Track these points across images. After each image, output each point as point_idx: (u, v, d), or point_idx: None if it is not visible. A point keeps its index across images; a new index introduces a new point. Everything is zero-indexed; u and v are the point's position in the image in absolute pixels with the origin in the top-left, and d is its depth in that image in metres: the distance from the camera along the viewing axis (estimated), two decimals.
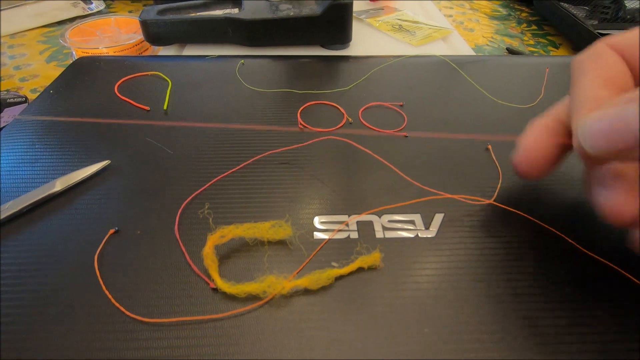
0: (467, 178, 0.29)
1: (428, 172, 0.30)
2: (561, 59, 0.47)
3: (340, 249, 0.24)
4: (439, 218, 0.26)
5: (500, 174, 0.30)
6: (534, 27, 0.68)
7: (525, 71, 0.43)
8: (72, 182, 0.27)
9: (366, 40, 0.53)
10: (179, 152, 0.31)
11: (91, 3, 0.66)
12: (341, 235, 0.25)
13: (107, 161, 0.29)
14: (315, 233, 0.25)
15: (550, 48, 0.61)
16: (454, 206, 0.27)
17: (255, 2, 0.49)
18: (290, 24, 0.46)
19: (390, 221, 0.26)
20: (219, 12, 0.49)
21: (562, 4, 0.62)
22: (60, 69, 0.49)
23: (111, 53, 0.48)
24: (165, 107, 0.36)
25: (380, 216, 0.26)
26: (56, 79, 0.39)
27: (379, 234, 0.25)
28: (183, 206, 0.26)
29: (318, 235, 0.25)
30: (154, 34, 0.47)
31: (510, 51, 0.59)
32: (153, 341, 0.20)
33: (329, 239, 0.25)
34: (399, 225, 0.26)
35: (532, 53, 0.59)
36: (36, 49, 0.57)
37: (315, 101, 0.37)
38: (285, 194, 0.28)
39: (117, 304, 0.21)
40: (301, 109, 0.36)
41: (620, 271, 0.23)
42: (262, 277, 0.22)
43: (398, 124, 0.35)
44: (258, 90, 0.39)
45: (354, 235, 0.25)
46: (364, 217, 0.26)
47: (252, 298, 0.21)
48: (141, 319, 0.20)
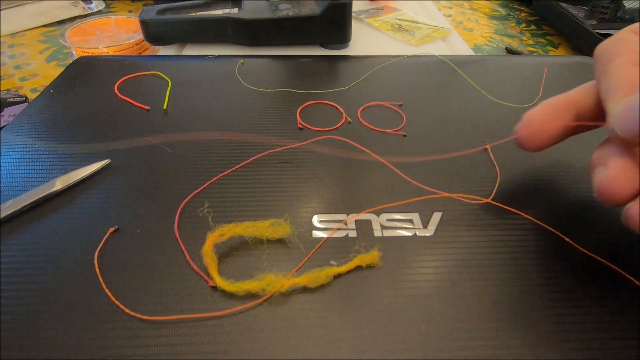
0: (465, 177, 0.30)
1: (426, 171, 0.30)
2: (560, 58, 0.47)
3: (338, 247, 0.24)
4: (437, 217, 0.26)
5: (498, 173, 0.30)
6: (533, 27, 0.68)
7: (524, 71, 0.43)
8: (72, 181, 0.27)
9: (365, 40, 0.53)
10: (179, 151, 0.31)
11: (91, 3, 0.66)
12: (340, 234, 0.25)
13: (107, 160, 0.29)
14: (314, 232, 0.25)
15: (549, 48, 0.61)
16: (452, 205, 0.27)
17: (255, 2, 0.49)
18: (289, 24, 0.47)
19: (388, 220, 0.26)
20: (218, 12, 0.49)
21: (561, 3, 0.62)
22: (60, 69, 0.49)
23: (111, 53, 0.48)
24: (165, 107, 0.36)
25: (378, 215, 0.26)
26: (56, 79, 0.39)
27: (377, 233, 0.25)
28: (182, 205, 0.26)
29: (317, 233, 0.25)
30: (154, 33, 0.47)
31: (509, 51, 0.59)
32: (153, 339, 0.20)
33: (327, 238, 0.25)
34: (397, 224, 0.26)
35: (531, 53, 0.60)
36: (36, 49, 0.57)
37: (314, 101, 0.37)
38: (285, 192, 0.28)
39: (117, 302, 0.21)
40: (300, 108, 0.36)
41: (617, 270, 0.23)
42: (261, 275, 0.22)
43: (397, 123, 0.35)
44: (258, 89, 0.39)
45: (353, 234, 0.25)
46: (363, 215, 0.26)
47: (251, 296, 0.21)
48: (141, 317, 0.20)
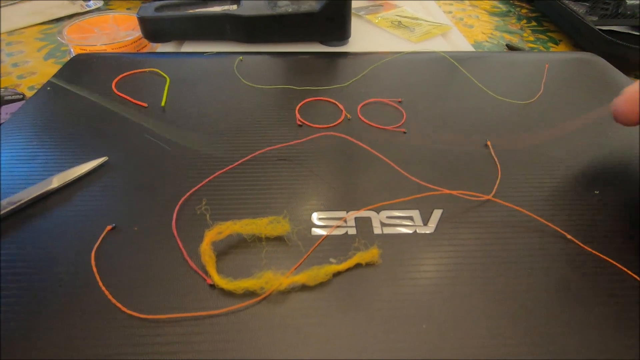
0: (466, 174, 0.29)
1: (427, 168, 0.30)
2: (561, 55, 0.47)
3: (338, 245, 0.24)
4: (437, 214, 0.26)
5: (500, 169, 0.30)
6: (533, 23, 0.68)
7: (525, 67, 0.43)
8: (70, 179, 0.27)
9: (365, 36, 0.53)
10: (177, 148, 0.31)
11: (89, 0, 0.66)
12: (339, 232, 0.25)
13: (104, 158, 0.29)
14: (313, 229, 0.25)
15: (550, 44, 0.61)
16: (453, 202, 0.27)
17: None
18: (288, 21, 0.46)
19: (388, 217, 0.26)
20: (217, 9, 0.49)
21: (563, 0, 0.62)
22: (58, 66, 0.49)
23: (109, 50, 0.48)
24: (163, 104, 0.36)
25: (378, 212, 0.26)
26: (53, 76, 0.39)
27: (377, 230, 0.25)
28: (180, 202, 0.26)
29: (316, 231, 0.25)
30: (152, 30, 0.47)
31: (510, 47, 0.59)
32: (150, 337, 0.19)
33: (327, 235, 0.25)
34: (398, 222, 0.26)
35: (531, 49, 0.59)
36: (34, 46, 0.56)
37: (313, 97, 0.37)
38: (284, 190, 0.28)
39: (114, 301, 0.21)
40: (299, 105, 0.36)
41: (620, 267, 0.23)
42: (260, 273, 0.22)
43: (397, 120, 0.35)
44: (256, 86, 0.38)
45: (352, 231, 0.25)
46: (362, 213, 0.26)
47: (249, 294, 0.21)
48: (138, 316, 0.20)
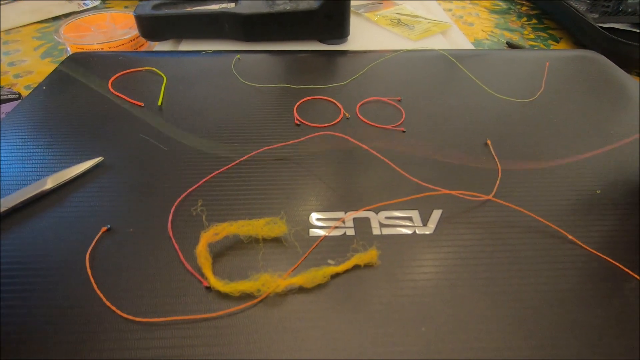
0: (466, 173, 0.29)
1: (426, 167, 0.29)
2: (562, 52, 0.46)
3: (336, 246, 0.24)
4: (437, 214, 0.26)
5: (500, 169, 0.29)
6: (534, 20, 0.67)
7: (526, 65, 0.43)
8: (64, 180, 0.27)
9: (364, 34, 0.52)
10: (173, 148, 0.30)
11: None
12: (337, 232, 0.25)
13: (99, 158, 0.29)
14: (311, 230, 0.25)
15: (550, 42, 0.60)
16: (453, 202, 0.27)
17: None
18: (287, 19, 0.46)
19: (387, 218, 0.26)
20: (215, 7, 0.48)
21: None
22: (54, 65, 0.48)
23: (106, 49, 0.47)
24: (159, 103, 0.35)
25: (377, 213, 0.26)
26: (49, 75, 0.39)
27: (375, 231, 0.25)
28: (176, 203, 0.26)
29: (314, 232, 0.25)
30: (149, 29, 0.46)
31: (510, 45, 0.58)
32: (145, 341, 0.19)
33: (325, 236, 0.24)
34: (397, 222, 0.25)
35: (532, 47, 0.59)
36: (31, 45, 0.56)
37: (311, 96, 0.37)
38: (281, 190, 0.27)
39: (109, 304, 0.20)
40: (297, 104, 0.36)
41: (620, 267, 0.23)
42: (257, 275, 0.21)
43: (396, 119, 0.34)
44: (254, 85, 0.38)
45: (351, 232, 0.25)
46: (361, 213, 0.26)
47: (246, 297, 0.21)
48: (133, 319, 0.20)
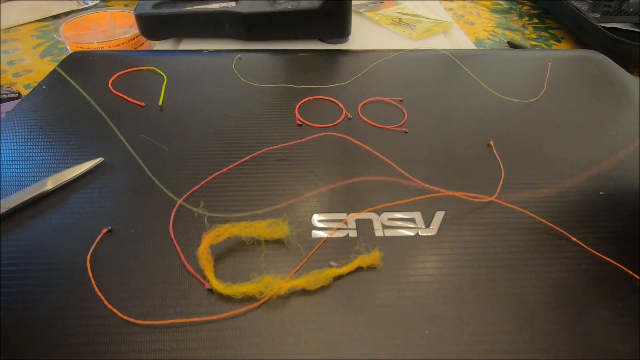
0: (469, 175, 0.29)
1: (429, 168, 0.29)
2: (564, 52, 0.46)
3: (338, 248, 0.24)
4: (439, 216, 0.26)
5: (502, 170, 0.29)
6: (535, 20, 0.67)
7: (528, 65, 0.43)
8: (65, 181, 0.27)
9: (366, 34, 0.52)
10: (174, 149, 0.30)
11: None
12: (340, 234, 0.24)
13: (100, 158, 0.28)
14: (313, 231, 0.25)
15: (552, 42, 0.60)
16: (455, 204, 0.26)
17: None
18: (288, 18, 0.46)
19: (390, 219, 0.25)
20: (215, 6, 0.48)
21: None
22: (54, 64, 0.48)
23: (106, 48, 0.47)
24: (160, 103, 0.35)
25: (379, 214, 0.26)
26: (49, 75, 0.39)
27: (378, 233, 0.25)
28: (178, 204, 0.26)
29: (316, 233, 0.24)
30: (149, 28, 0.46)
31: (512, 45, 0.58)
32: (146, 344, 0.19)
33: (327, 238, 0.24)
34: (399, 224, 0.25)
35: (533, 47, 0.59)
36: (30, 44, 0.56)
37: (313, 96, 0.37)
38: (283, 191, 0.27)
39: (110, 306, 0.20)
40: (299, 104, 0.35)
41: (624, 269, 0.23)
42: (259, 277, 0.21)
43: (398, 119, 0.34)
44: (255, 85, 0.38)
45: (353, 233, 0.25)
46: (364, 215, 0.26)
47: (248, 299, 0.21)
48: (134, 321, 0.20)
